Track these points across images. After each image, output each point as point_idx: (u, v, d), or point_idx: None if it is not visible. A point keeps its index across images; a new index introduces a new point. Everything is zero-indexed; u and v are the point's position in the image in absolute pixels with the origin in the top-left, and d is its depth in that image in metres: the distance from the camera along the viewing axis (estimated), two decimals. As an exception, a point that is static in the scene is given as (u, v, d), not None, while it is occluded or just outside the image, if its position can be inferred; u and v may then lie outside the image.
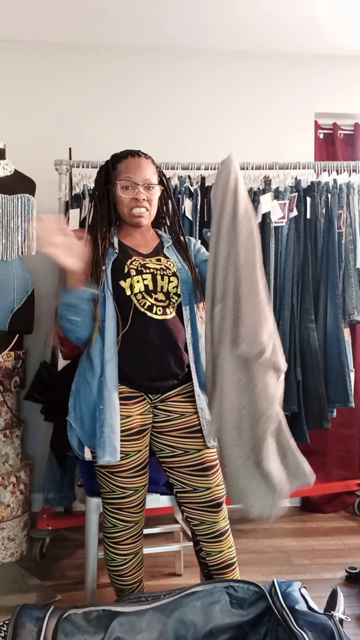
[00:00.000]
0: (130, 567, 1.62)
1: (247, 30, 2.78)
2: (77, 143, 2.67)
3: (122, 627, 1.34)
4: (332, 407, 2.46)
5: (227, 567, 1.60)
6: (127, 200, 1.58)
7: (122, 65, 2.93)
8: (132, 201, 1.58)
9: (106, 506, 1.60)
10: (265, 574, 2.17)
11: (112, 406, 1.48)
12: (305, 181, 2.48)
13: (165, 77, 2.94)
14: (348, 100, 3.02)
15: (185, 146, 2.79)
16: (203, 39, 2.86)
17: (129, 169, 1.58)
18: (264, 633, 1.38)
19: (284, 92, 2.98)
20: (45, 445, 2.49)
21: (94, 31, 2.80)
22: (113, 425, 1.48)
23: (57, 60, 2.89)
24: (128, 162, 1.60)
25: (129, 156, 1.61)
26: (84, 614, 1.37)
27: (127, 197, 1.58)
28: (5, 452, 2.30)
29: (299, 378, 2.39)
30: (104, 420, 1.48)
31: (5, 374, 2.30)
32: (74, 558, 2.36)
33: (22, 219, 2.29)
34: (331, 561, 2.31)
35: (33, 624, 1.32)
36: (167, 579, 2.17)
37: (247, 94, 2.97)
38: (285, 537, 2.55)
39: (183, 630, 1.36)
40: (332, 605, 1.37)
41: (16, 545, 2.33)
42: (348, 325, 2.51)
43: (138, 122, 2.89)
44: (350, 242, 2.47)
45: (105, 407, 1.48)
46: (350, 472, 2.89)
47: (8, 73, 2.87)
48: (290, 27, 2.74)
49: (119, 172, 1.60)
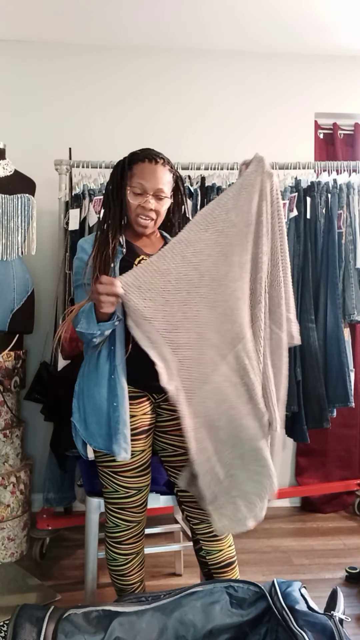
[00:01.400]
0: (131, 567, 1.61)
1: (248, 31, 2.78)
2: (77, 143, 2.67)
3: (122, 627, 1.34)
4: (332, 407, 2.46)
5: (226, 566, 1.60)
6: (134, 206, 1.55)
7: (123, 65, 2.93)
8: (140, 208, 1.54)
9: (109, 506, 1.60)
10: (265, 574, 2.17)
11: (125, 403, 1.48)
12: (305, 181, 2.48)
13: (165, 76, 2.94)
14: (348, 100, 3.02)
15: (185, 146, 2.78)
16: (204, 39, 2.86)
17: (143, 175, 1.53)
18: (264, 633, 1.38)
19: (284, 92, 2.98)
20: (45, 445, 2.49)
21: (94, 31, 2.80)
22: (127, 422, 1.48)
23: (57, 60, 2.89)
24: (144, 167, 1.54)
25: (147, 160, 1.55)
26: (84, 614, 1.37)
27: (136, 203, 1.54)
28: (5, 452, 2.30)
29: (299, 378, 2.39)
30: (118, 417, 1.47)
31: (5, 374, 2.30)
32: (74, 558, 2.36)
33: (22, 219, 2.30)
34: (331, 561, 2.31)
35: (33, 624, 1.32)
36: (167, 579, 2.17)
37: (247, 93, 2.97)
38: (285, 537, 2.55)
39: (183, 630, 1.37)
40: (332, 605, 1.37)
41: (16, 545, 2.33)
42: (348, 325, 2.51)
43: (138, 121, 2.89)
44: (350, 242, 2.47)
45: (119, 404, 1.48)
46: (350, 472, 2.89)
47: (8, 73, 2.87)
48: (290, 27, 2.74)
49: (133, 175, 1.55)
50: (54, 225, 2.68)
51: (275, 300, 1.44)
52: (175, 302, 1.34)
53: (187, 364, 1.34)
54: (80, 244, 1.62)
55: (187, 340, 1.34)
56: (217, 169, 2.48)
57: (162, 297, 1.33)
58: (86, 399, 1.54)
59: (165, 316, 1.33)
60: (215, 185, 2.48)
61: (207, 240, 1.37)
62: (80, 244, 1.62)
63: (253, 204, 1.42)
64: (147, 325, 1.31)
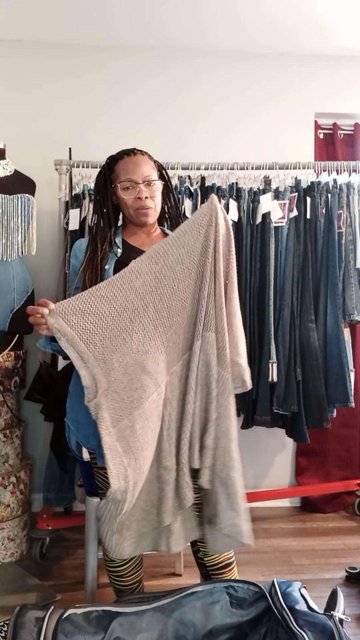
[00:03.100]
0: (129, 568, 1.61)
1: (247, 31, 2.78)
2: (77, 143, 2.67)
3: (122, 627, 1.34)
4: (332, 407, 2.46)
5: (225, 567, 1.60)
6: (130, 200, 1.57)
7: (123, 65, 2.93)
8: (136, 201, 1.56)
9: (105, 507, 1.60)
10: (265, 574, 2.17)
11: None
12: (305, 181, 2.48)
13: (165, 77, 2.94)
14: (348, 100, 3.02)
15: (185, 146, 2.79)
16: (203, 39, 2.86)
17: (127, 169, 1.57)
18: (264, 633, 1.38)
19: (284, 92, 2.98)
20: (45, 445, 2.49)
21: (94, 31, 2.80)
22: None
23: (57, 60, 2.89)
24: (125, 162, 1.58)
25: (125, 156, 1.59)
26: (84, 614, 1.37)
27: (130, 197, 1.56)
28: (5, 452, 2.30)
29: (299, 378, 2.39)
30: None
31: (5, 374, 2.30)
32: (74, 558, 2.36)
33: (22, 219, 2.29)
34: (331, 561, 2.31)
35: (33, 624, 1.32)
36: (167, 579, 2.17)
37: (247, 94, 2.97)
38: (285, 537, 2.55)
39: (183, 630, 1.37)
40: (332, 605, 1.37)
41: (16, 545, 2.33)
42: (348, 325, 2.51)
43: (138, 121, 2.89)
44: (350, 242, 2.46)
45: None
46: (350, 472, 2.89)
47: (8, 73, 2.87)
48: (290, 27, 2.74)
49: (117, 174, 1.59)
50: (54, 225, 2.68)
51: (220, 344, 1.46)
52: (116, 328, 1.38)
53: (118, 387, 1.36)
54: (73, 249, 1.66)
55: (122, 365, 1.37)
56: (217, 169, 2.48)
57: (104, 321, 1.37)
58: (79, 400, 1.54)
59: (104, 340, 1.36)
60: (215, 185, 2.48)
61: (157, 273, 1.41)
62: (74, 248, 1.66)
63: (198, 245, 1.45)
64: (82, 346, 1.35)
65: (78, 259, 1.61)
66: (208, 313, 1.46)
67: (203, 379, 1.46)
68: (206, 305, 1.45)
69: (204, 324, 1.45)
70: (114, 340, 1.37)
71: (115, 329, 1.38)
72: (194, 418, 1.45)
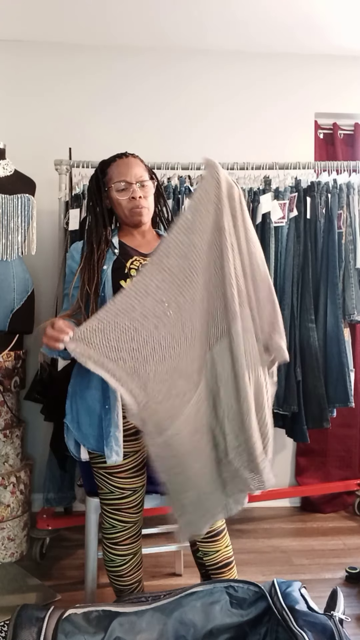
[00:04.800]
0: (129, 568, 1.61)
1: (247, 31, 2.78)
2: (77, 143, 2.67)
3: (122, 627, 1.34)
4: (332, 407, 2.46)
5: (224, 566, 1.61)
6: (124, 201, 1.59)
7: (122, 65, 2.93)
8: (130, 201, 1.59)
9: (105, 507, 1.60)
10: (265, 574, 2.17)
11: (117, 405, 1.48)
12: (305, 181, 2.48)
13: (165, 77, 2.94)
14: (348, 100, 3.02)
15: (185, 146, 2.78)
16: (203, 39, 2.86)
17: (120, 171, 1.60)
18: (264, 633, 1.38)
19: (284, 92, 2.98)
20: (45, 445, 2.49)
21: (94, 31, 2.80)
22: (119, 424, 1.48)
23: (58, 60, 2.89)
24: (117, 164, 1.61)
25: (117, 159, 1.62)
26: (84, 614, 1.37)
27: (124, 197, 1.59)
28: (5, 452, 2.30)
29: (299, 378, 2.39)
30: (110, 420, 1.48)
31: (5, 374, 2.30)
32: (74, 558, 2.36)
33: (22, 219, 2.29)
34: (331, 561, 2.31)
35: (33, 624, 1.32)
36: (167, 579, 2.17)
37: (247, 94, 2.97)
38: (285, 537, 2.55)
39: (183, 630, 1.37)
40: (332, 605, 1.37)
41: (16, 545, 2.33)
42: (348, 325, 2.51)
43: (138, 121, 2.89)
44: (350, 242, 2.47)
45: (111, 406, 1.48)
46: (350, 472, 2.89)
47: (8, 73, 2.87)
48: (290, 27, 2.74)
49: (110, 177, 1.61)
50: (54, 225, 2.68)
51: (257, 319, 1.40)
52: (142, 338, 1.31)
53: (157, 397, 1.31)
54: (70, 250, 1.66)
55: (157, 373, 1.31)
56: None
57: (128, 334, 1.30)
58: (79, 400, 1.55)
59: (132, 352, 1.30)
60: (215, 185, 2.47)
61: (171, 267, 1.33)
62: (70, 249, 1.67)
63: (210, 220, 1.35)
64: (111, 364, 1.29)
65: (75, 260, 1.62)
66: (240, 290, 1.36)
67: (253, 358, 1.37)
68: (236, 282, 1.35)
69: (238, 302, 1.35)
70: (142, 351, 1.31)
71: (141, 339, 1.31)
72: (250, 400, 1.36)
